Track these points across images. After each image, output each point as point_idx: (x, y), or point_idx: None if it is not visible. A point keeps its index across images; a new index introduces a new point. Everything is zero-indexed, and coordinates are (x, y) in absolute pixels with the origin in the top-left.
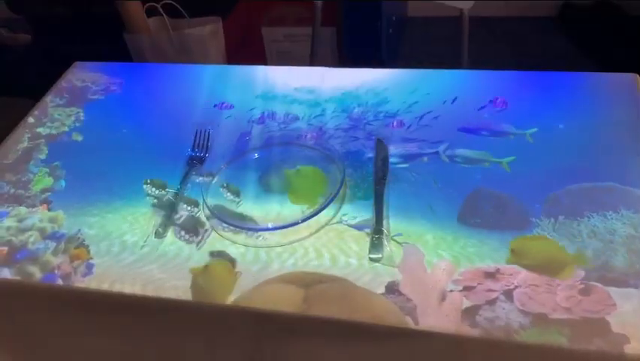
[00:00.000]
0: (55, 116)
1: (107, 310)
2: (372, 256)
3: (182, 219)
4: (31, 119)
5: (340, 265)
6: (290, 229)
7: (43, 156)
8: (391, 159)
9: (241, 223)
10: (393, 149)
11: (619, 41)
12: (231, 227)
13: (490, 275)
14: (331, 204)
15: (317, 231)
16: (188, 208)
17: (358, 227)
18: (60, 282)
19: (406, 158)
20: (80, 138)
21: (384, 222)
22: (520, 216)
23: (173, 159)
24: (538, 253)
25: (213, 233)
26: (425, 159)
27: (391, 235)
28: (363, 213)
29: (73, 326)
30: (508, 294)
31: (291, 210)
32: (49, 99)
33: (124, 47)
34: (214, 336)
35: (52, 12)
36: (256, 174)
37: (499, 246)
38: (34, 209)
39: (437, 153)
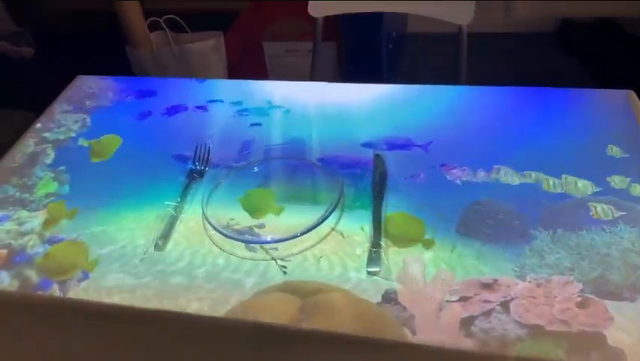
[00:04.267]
0: (62, 122)
1: (103, 321)
2: (370, 269)
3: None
4: (38, 125)
5: (338, 276)
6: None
7: (49, 161)
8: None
9: (240, 236)
10: (392, 162)
11: (618, 59)
12: (230, 239)
13: (487, 286)
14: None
15: (316, 243)
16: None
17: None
18: (56, 286)
19: (406, 170)
20: (86, 144)
21: (383, 235)
22: (519, 228)
23: (174, 172)
24: None
25: (212, 245)
26: (424, 173)
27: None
28: (361, 226)
29: (70, 335)
30: (505, 305)
31: (289, 222)
32: (56, 106)
33: (126, 60)
34: (210, 347)
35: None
36: (255, 188)
37: (498, 257)
38: (35, 213)
39: (435, 166)
